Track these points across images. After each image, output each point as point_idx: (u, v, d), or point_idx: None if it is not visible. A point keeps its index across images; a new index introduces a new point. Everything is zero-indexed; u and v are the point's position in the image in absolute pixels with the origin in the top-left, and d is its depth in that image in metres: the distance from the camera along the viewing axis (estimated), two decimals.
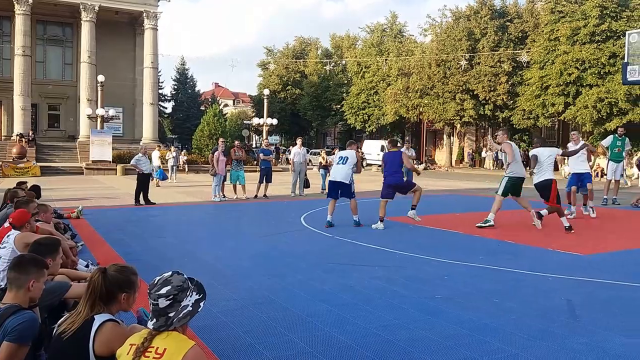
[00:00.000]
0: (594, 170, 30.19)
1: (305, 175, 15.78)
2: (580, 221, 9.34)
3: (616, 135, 13.82)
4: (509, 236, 8.05)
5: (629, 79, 12.87)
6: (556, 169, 12.78)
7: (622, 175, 13.44)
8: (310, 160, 24.57)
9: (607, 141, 13.77)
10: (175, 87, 59.53)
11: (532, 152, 9.10)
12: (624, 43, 13.42)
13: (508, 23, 34.87)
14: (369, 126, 44.38)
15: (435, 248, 7.14)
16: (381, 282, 5.30)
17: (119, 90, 35.13)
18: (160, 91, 48.39)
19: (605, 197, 13.14)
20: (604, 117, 27.28)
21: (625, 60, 12.87)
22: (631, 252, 7.11)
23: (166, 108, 58.60)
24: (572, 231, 8.25)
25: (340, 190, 9.09)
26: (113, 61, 34.95)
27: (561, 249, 7.04)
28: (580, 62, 27.99)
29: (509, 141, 9.38)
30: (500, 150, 9.37)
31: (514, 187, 8.80)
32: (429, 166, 38.24)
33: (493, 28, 34.33)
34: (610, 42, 27.28)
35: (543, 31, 31.36)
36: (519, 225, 9.34)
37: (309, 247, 7.43)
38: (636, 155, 23.71)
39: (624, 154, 13.29)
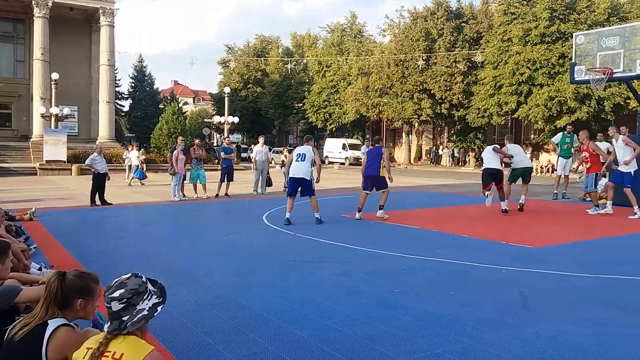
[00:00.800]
0: (545, 167, 31.46)
1: (268, 173, 15.75)
2: (531, 214, 9.70)
3: (565, 132, 14.46)
4: (465, 230, 8.30)
5: (576, 79, 13.40)
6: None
7: (571, 171, 14.06)
8: (273, 159, 24.50)
9: (557, 138, 14.41)
10: (133, 84, 57.98)
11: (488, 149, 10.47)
12: (572, 44, 13.97)
13: (463, 24, 35.75)
14: (330, 124, 44.63)
15: (393, 243, 7.27)
16: (341, 278, 5.37)
17: (74, 89, 33.91)
18: (117, 89, 47.07)
19: (555, 191, 13.72)
20: (554, 115, 28.37)
21: (573, 61, 13.40)
22: (578, 244, 7.46)
23: (123, 106, 57.07)
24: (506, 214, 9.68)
25: (300, 186, 9.04)
26: (68, 59, 33.67)
27: (513, 242, 7.32)
28: (531, 62, 28.98)
29: (509, 144, 10.57)
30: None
31: (513, 175, 10.56)
32: None
33: (449, 29, 35.12)
34: (560, 43, 28.35)
35: (497, 32, 32.29)
36: (474, 219, 9.64)
37: (271, 245, 7.43)
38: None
39: (572, 150, 13.93)
